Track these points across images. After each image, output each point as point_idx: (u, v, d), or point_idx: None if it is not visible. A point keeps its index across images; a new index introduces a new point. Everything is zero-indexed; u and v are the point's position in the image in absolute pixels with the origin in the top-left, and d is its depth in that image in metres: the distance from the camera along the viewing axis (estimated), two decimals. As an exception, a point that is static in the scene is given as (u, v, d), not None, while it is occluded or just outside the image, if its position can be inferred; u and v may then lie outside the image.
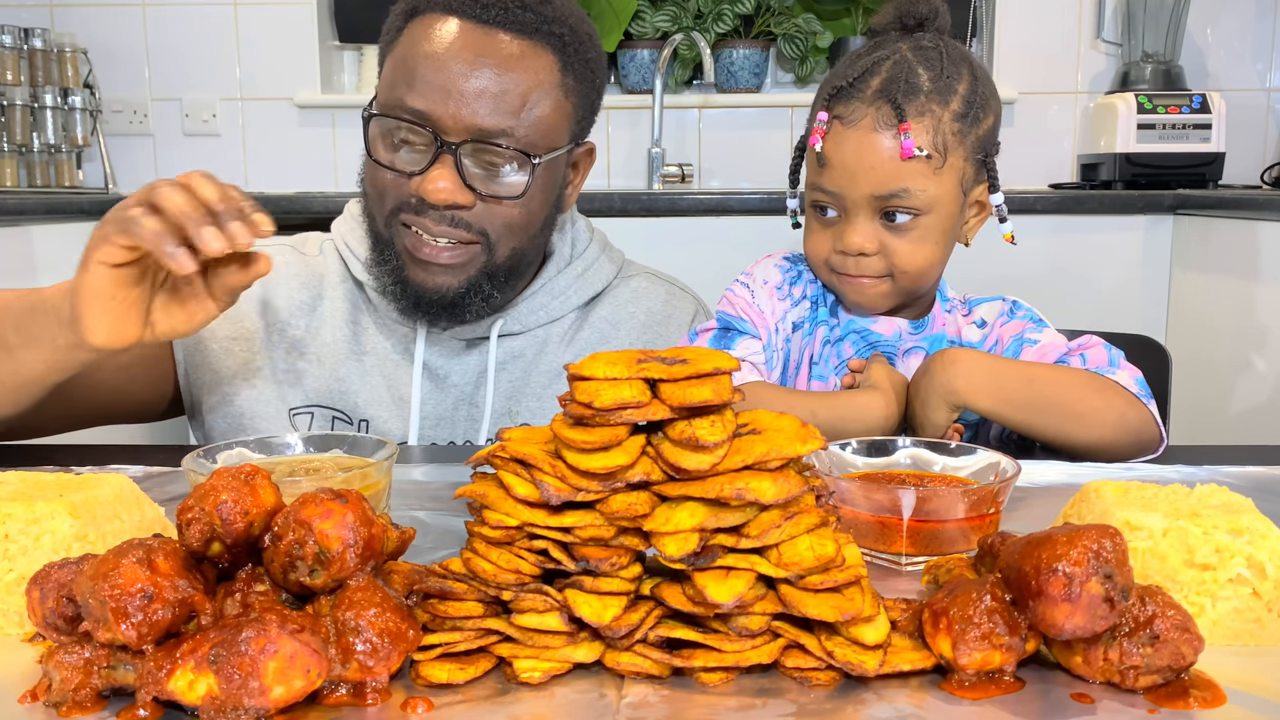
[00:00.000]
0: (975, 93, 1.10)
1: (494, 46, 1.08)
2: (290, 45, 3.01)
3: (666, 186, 2.93)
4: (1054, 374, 1.06)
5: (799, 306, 1.19)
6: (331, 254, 1.25)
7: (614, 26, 2.97)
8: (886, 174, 1.07)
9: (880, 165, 1.07)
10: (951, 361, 1.04)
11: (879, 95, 1.07)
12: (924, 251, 1.10)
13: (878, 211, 1.09)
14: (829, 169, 1.10)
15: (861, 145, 1.07)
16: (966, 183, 1.11)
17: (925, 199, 1.07)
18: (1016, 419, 1.03)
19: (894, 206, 1.08)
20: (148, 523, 0.72)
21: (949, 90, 1.08)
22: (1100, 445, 1.03)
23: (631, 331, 1.26)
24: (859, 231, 1.09)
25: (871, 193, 1.07)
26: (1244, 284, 2.17)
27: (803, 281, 1.20)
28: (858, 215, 1.09)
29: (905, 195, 1.07)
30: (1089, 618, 0.53)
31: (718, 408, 0.58)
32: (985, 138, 1.11)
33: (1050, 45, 2.96)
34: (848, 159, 1.08)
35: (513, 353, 1.23)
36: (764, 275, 1.19)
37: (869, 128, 1.07)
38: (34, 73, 2.85)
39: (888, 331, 1.17)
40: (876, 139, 1.07)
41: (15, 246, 2.12)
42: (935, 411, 1.03)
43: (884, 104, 1.07)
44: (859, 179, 1.08)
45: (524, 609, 0.57)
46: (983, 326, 1.20)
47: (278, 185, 3.02)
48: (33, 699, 0.55)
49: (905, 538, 0.72)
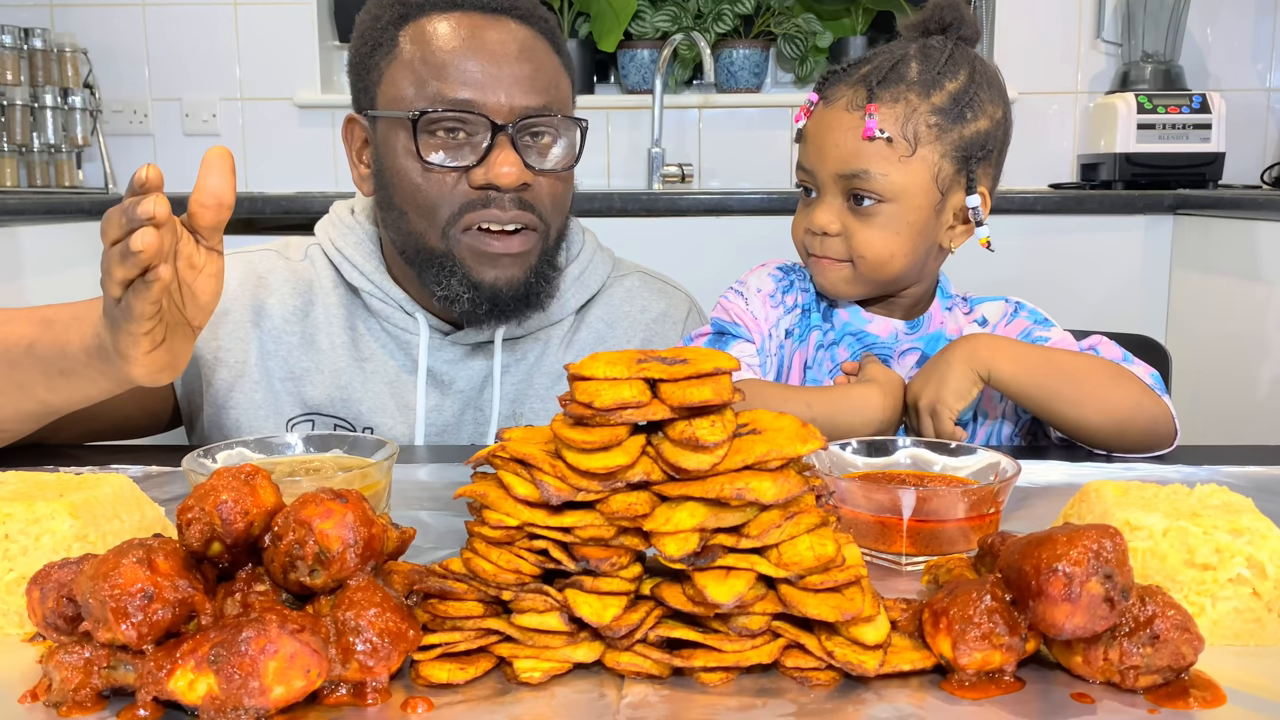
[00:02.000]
0: (968, 93, 1.10)
1: (510, 32, 1.11)
2: (290, 45, 3.01)
3: (666, 186, 2.93)
4: (1073, 357, 1.08)
5: (791, 314, 1.19)
6: (320, 259, 1.23)
7: (614, 26, 2.97)
8: (848, 152, 1.09)
9: (844, 144, 1.09)
10: (973, 336, 1.07)
11: (860, 80, 1.10)
12: (882, 239, 1.10)
13: (845, 193, 1.10)
14: (804, 145, 1.14)
15: (830, 122, 1.11)
16: (943, 181, 1.10)
17: (888, 185, 1.08)
18: (1036, 395, 1.04)
19: (857, 188, 1.09)
20: (148, 523, 0.72)
21: (935, 84, 1.09)
22: (1116, 431, 1.03)
23: (628, 331, 1.26)
24: (825, 210, 1.11)
25: (836, 171, 1.10)
26: (1244, 284, 2.17)
27: (795, 290, 1.20)
28: (827, 194, 1.12)
29: (866, 177, 1.08)
30: (1089, 618, 0.53)
31: (718, 408, 0.58)
32: (971, 140, 1.10)
33: (1050, 45, 2.96)
34: (819, 135, 1.12)
35: (515, 356, 1.22)
36: (757, 284, 1.20)
37: (842, 107, 1.10)
38: (34, 73, 2.85)
39: (883, 333, 1.17)
40: (845, 117, 1.10)
41: (3, 247, 2.12)
42: (962, 380, 1.03)
43: (860, 87, 1.10)
44: (825, 155, 1.10)
45: (524, 609, 0.57)
46: (984, 326, 1.20)
47: (278, 185, 3.01)
48: (33, 699, 0.55)
49: (905, 538, 0.72)
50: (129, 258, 0.74)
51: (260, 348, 1.18)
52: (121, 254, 0.74)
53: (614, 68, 3.17)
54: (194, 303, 0.84)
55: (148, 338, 0.81)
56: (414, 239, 1.13)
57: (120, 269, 0.75)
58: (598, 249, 1.30)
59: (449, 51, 1.09)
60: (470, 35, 1.09)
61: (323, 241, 1.23)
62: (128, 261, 0.74)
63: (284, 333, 1.19)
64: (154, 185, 0.74)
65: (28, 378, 0.94)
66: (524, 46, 1.11)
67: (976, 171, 1.12)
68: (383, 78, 1.12)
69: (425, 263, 1.13)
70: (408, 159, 1.10)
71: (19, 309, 0.98)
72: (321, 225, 1.25)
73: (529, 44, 1.12)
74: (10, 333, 0.94)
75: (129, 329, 0.80)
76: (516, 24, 1.12)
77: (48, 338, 0.93)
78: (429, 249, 1.12)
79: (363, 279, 1.19)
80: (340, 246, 1.20)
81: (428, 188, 1.10)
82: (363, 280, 1.19)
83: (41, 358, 0.93)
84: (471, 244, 1.11)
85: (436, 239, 1.11)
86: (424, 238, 1.12)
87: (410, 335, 1.19)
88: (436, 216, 1.10)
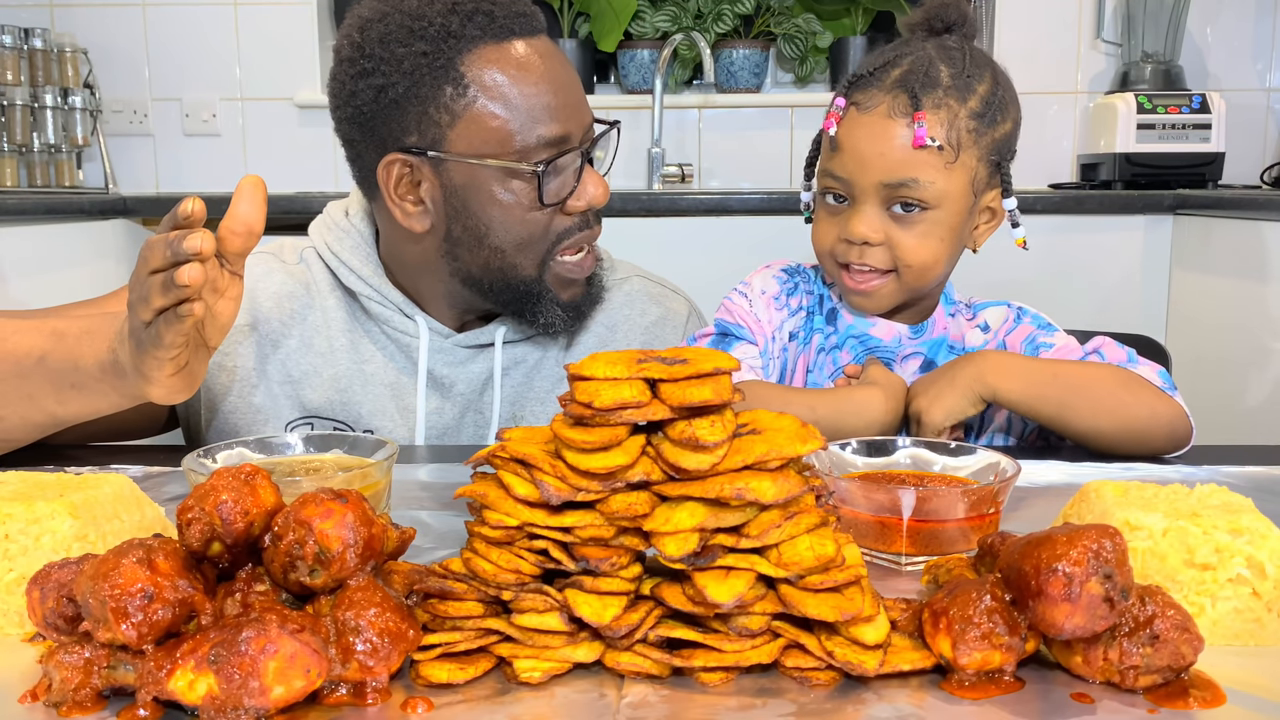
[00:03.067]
0: (995, 95, 1.10)
1: (551, 50, 1.12)
2: (290, 45, 3.01)
3: (666, 186, 2.93)
4: (1080, 368, 1.07)
5: (795, 317, 1.19)
6: (315, 262, 1.22)
7: (614, 26, 2.97)
8: (897, 161, 1.07)
9: (891, 152, 1.07)
10: (980, 356, 1.06)
11: (897, 85, 1.08)
12: (929, 247, 1.09)
13: (886, 201, 1.09)
14: (841, 154, 1.10)
15: (874, 131, 1.08)
16: (978, 184, 1.11)
17: (934, 192, 1.07)
18: (1046, 411, 1.04)
19: (902, 197, 1.08)
20: (148, 523, 0.72)
21: (968, 88, 1.09)
22: (1134, 438, 1.03)
23: (629, 334, 1.26)
24: (865, 220, 1.09)
25: (881, 180, 1.08)
26: (1244, 284, 2.17)
27: (799, 293, 1.20)
28: (865, 203, 1.09)
29: (914, 185, 1.07)
30: (1089, 618, 0.53)
31: (718, 408, 0.58)
32: (1001, 141, 1.11)
33: (1050, 45, 2.96)
34: (860, 144, 1.09)
35: (515, 359, 1.22)
36: (762, 285, 1.20)
37: (884, 114, 1.08)
38: (34, 73, 2.85)
39: (886, 336, 1.17)
40: (890, 125, 1.07)
41: (2, 247, 2.11)
42: (960, 400, 1.03)
43: (901, 93, 1.08)
44: (869, 165, 1.08)
45: (524, 609, 0.57)
46: (986, 331, 1.20)
47: (278, 185, 3.01)
48: (33, 699, 0.55)
49: (905, 538, 0.72)
50: (171, 290, 0.77)
51: (258, 352, 1.18)
52: (164, 285, 0.77)
53: (614, 68, 3.17)
54: (213, 324, 0.86)
55: (173, 362, 0.84)
56: (504, 274, 1.13)
57: (160, 298, 0.78)
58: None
59: (532, 89, 1.08)
60: (538, 66, 1.09)
61: (318, 244, 1.22)
62: (169, 293, 0.77)
63: (281, 336, 1.18)
64: (198, 219, 0.77)
65: (37, 389, 0.94)
66: (564, 63, 1.13)
67: (1009, 172, 1.13)
68: (457, 120, 1.07)
69: (517, 295, 1.14)
70: (508, 202, 1.09)
71: (28, 319, 0.98)
72: (315, 227, 1.24)
73: (562, 58, 1.13)
74: (20, 344, 0.95)
75: (156, 354, 0.82)
76: (546, 40, 1.13)
77: (59, 351, 0.93)
78: (521, 280, 1.13)
79: (360, 283, 1.18)
80: (336, 250, 1.19)
81: (533, 227, 1.11)
82: (360, 284, 1.18)
83: (53, 370, 0.93)
84: (559, 272, 1.14)
85: (531, 270, 1.13)
86: (518, 271, 1.13)
87: (410, 338, 1.19)
88: (537, 251, 1.12)
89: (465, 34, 1.07)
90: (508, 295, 1.15)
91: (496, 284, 1.14)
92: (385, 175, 1.11)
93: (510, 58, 1.08)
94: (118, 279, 2.33)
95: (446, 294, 1.18)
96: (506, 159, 1.08)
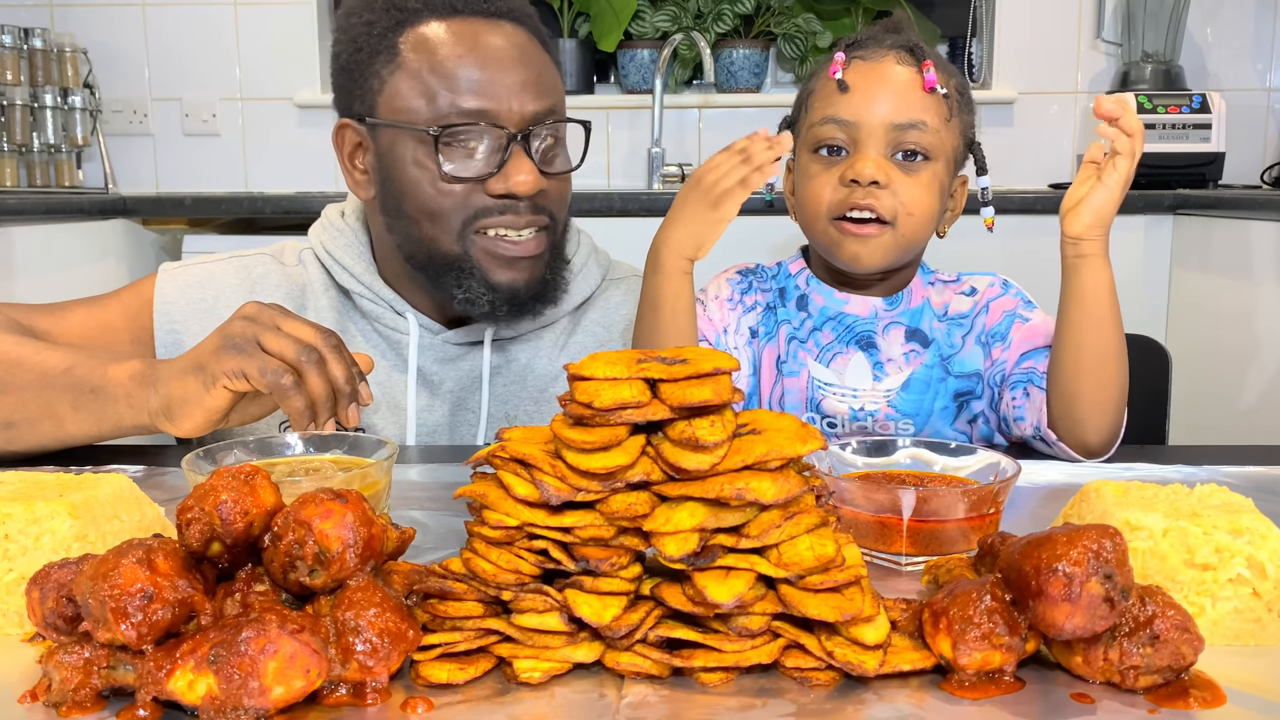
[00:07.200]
0: (966, 85, 1.17)
1: (510, 36, 1.11)
2: (290, 45, 3.01)
3: (666, 186, 2.93)
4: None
5: (752, 313, 1.22)
6: (312, 263, 1.23)
7: (614, 26, 2.97)
8: (907, 102, 1.10)
9: (902, 92, 1.10)
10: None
11: (899, 44, 1.13)
12: (928, 200, 1.11)
13: (891, 146, 1.10)
14: (849, 95, 1.11)
15: (885, 73, 1.12)
16: (958, 157, 1.16)
17: (936, 141, 1.10)
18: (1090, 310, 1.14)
19: (910, 142, 1.10)
20: (148, 523, 0.72)
21: (949, 70, 1.15)
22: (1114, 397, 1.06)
23: (625, 335, 1.26)
24: (873, 160, 1.10)
25: (892, 120, 1.09)
26: (1244, 284, 2.17)
27: (755, 290, 1.23)
28: (870, 147, 1.10)
29: (922, 129, 1.09)
30: (1089, 618, 0.53)
31: (718, 408, 0.58)
32: (970, 127, 1.17)
33: (1050, 45, 2.96)
34: (871, 85, 1.11)
35: (506, 358, 1.22)
36: (715, 291, 1.23)
37: (892, 61, 1.12)
38: (34, 73, 2.84)
39: (863, 311, 1.18)
40: (900, 69, 1.12)
41: (2, 247, 2.11)
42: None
43: (904, 50, 1.12)
44: (879, 104, 1.10)
45: (524, 609, 0.57)
46: (972, 295, 1.21)
47: (277, 185, 3.01)
48: (33, 699, 0.55)
49: (905, 538, 0.72)
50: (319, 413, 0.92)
51: None
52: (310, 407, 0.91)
53: (614, 68, 3.17)
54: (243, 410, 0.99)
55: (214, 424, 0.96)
56: (425, 245, 1.12)
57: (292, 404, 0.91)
58: (593, 251, 1.30)
59: (457, 60, 1.08)
60: (475, 42, 1.09)
61: (314, 245, 1.23)
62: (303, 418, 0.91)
63: None
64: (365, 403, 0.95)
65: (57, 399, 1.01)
66: (524, 50, 1.11)
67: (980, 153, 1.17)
68: (385, 86, 1.11)
69: (440, 268, 1.13)
70: (420, 170, 1.09)
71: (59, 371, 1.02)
72: (314, 229, 1.26)
73: (528, 47, 1.12)
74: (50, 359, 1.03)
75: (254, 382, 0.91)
76: (513, 27, 1.12)
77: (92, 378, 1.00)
78: (443, 254, 1.12)
79: (353, 280, 1.19)
80: (331, 250, 1.21)
81: (443, 198, 1.10)
82: (353, 282, 1.19)
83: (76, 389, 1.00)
84: (488, 247, 1.11)
85: (451, 244, 1.11)
86: (437, 243, 1.12)
87: (400, 335, 1.19)
88: (451, 224, 1.11)
89: (409, 7, 1.10)
90: (433, 269, 1.13)
91: (422, 257, 1.13)
92: (338, 140, 1.17)
93: (447, 32, 1.09)
94: (118, 279, 2.34)
95: (410, 277, 1.18)
96: (419, 125, 1.09)
